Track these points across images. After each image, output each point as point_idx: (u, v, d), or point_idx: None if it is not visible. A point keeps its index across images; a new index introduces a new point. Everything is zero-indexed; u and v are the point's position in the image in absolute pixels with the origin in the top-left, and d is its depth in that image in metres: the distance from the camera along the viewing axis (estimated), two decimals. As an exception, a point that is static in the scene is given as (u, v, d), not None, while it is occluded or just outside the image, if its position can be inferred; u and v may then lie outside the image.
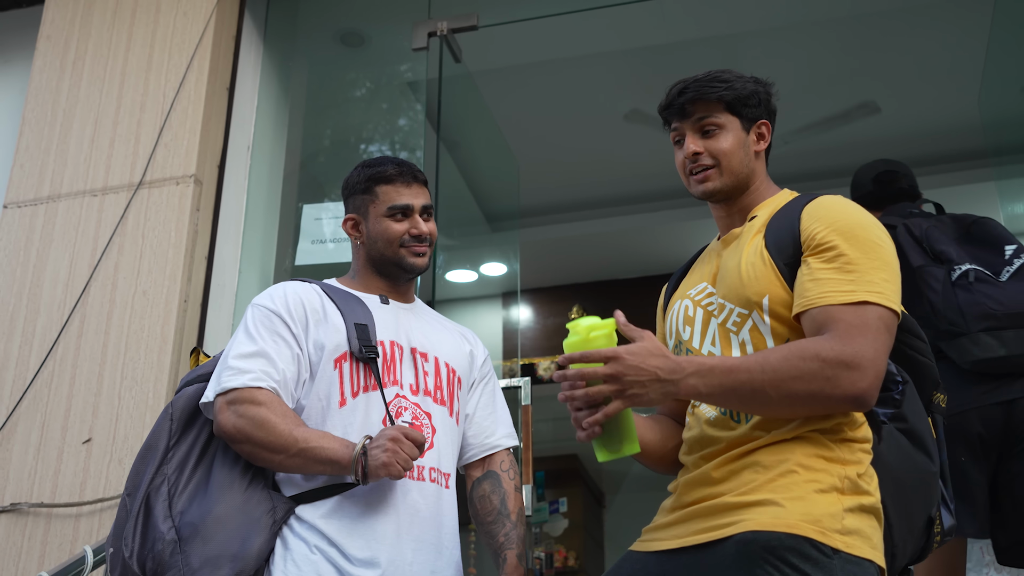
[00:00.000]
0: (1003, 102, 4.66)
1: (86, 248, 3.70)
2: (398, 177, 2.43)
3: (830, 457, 1.80)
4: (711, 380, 1.77)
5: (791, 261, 1.90)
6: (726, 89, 2.09)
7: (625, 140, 5.94)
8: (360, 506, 2.13)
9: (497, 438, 2.47)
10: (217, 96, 3.98)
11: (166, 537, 2.04)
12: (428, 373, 2.34)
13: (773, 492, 1.75)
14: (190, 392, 2.26)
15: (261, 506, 2.11)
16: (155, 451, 2.17)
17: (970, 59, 4.82)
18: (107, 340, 3.52)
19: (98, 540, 2.99)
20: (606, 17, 4.65)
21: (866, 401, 1.76)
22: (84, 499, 3.29)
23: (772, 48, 5.14)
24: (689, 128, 2.10)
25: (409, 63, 4.73)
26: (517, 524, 2.37)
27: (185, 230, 3.64)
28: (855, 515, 1.75)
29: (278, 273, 4.17)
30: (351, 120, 4.90)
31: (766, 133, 2.14)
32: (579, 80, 5.37)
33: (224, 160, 3.95)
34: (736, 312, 1.95)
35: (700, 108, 2.09)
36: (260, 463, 2.14)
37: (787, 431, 1.82)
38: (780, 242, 1.93)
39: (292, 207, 4.35)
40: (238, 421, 2.11)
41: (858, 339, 1.76)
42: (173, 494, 2.11)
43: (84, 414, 3.43)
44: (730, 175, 2.07)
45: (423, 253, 2.42)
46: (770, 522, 1.71)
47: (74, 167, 3.87)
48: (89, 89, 4.01)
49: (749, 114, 2.11)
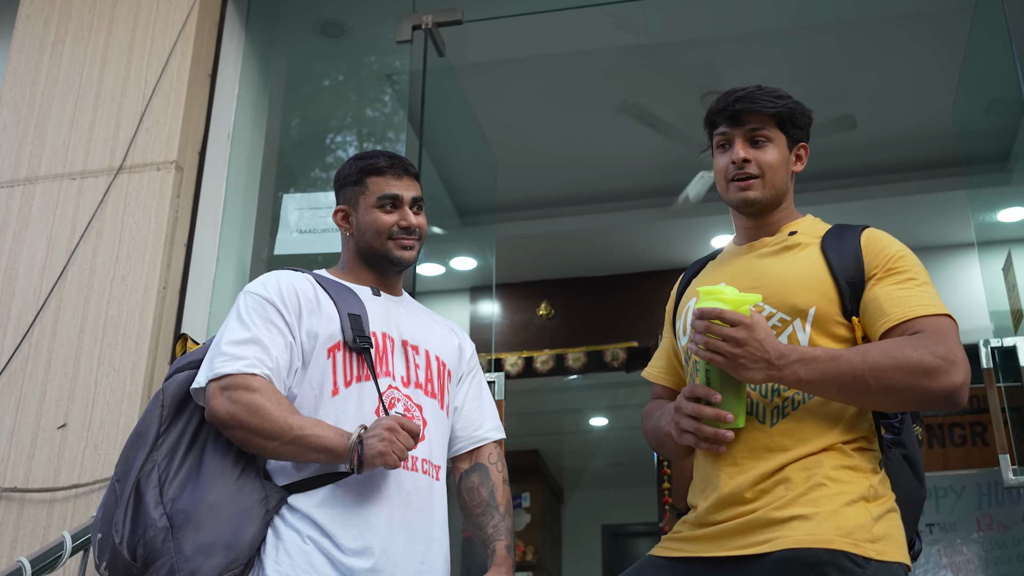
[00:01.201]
0: (976, 113, 4.74)
1: (64, 232, 3.66)
2: (389, 169, 2.45)
3: (855, 467, 1.90)
4: (814, 367, 1.86)
5: (853, 281, 2.00)
6: (781, 106, 2.17)
7: (601, 139, 5.98)
8: (353, 496, 2.14)
9: (485, 431, 2.49)
10: (199, 82, 3.95)
11: (158, 524, 2.03)
12: (419, 366, 2.36)
13: (805, 507, 1.84)
14: (181, 379, 2.25)
15: (254, 495, 2.10)
16: (145, 437, 2.16)
17: (946, 70, 4.89)
18: (84, 325, 3.49)
19: (75, 526, 2.96)
20: (589, 16, 4.68)
21: (960, 395, 1.86)
22: (58, 484, 3.26)
23: (752, 52, 5.19)
24: (740, 135, 2.16)
25: (388, 55, 4.72)
26: (505, 516, 2.40)
27: (165, 216, 3.62)
28: (882, 521, 1.85)
29: (255, 262, 4.15)
30: (329, 111, 4.88)
31: (803, 156, 2.23)
32: (560, 78, 5.39)
33: (205, 147, 3.92)
34: (778, 317, 2.01)
35: (754, 119, 2.16)
36: (253, 450, 2.14)
37: (812, 446, 1.91)
38: (844, 261, 2.03)
39: (270, 196, 4.33)
40: (232, 407, 2.10)
41: (951, 341, 1.88)
42: (164, 481, 2.10)
43: (60, 399, 3.39)
44: (771, 188, 2.15)
45: (411, 247, 2.43)
46: (806, 539, 1.79)
47: (52, 150, 3.82)
48: (69, 71, 3.96)
49: (795, 135, 2.20)
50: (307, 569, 2.06)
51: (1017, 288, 4.07)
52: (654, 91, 5.41)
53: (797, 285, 2.02)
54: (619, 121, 5.70)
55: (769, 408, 1.96)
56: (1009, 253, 4.19)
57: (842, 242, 2.07)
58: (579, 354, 7.41)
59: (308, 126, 4.77)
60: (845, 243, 2.06)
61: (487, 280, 6.92)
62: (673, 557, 2.00)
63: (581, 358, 7.40)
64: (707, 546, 1.93)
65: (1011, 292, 4.13)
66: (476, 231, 6.13)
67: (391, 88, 4.77)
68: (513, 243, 6.53)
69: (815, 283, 2.01)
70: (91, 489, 3.23)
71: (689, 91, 5.42)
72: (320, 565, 2.07)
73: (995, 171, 5.05)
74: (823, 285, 2.01)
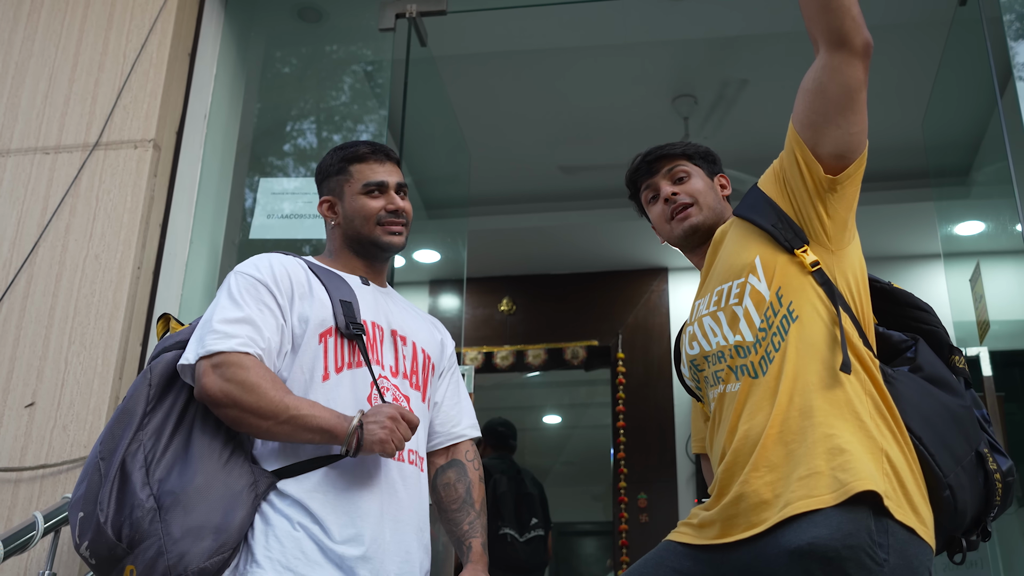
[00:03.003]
0: (946, 126, 4.82)
1: (36, 207, 3.58)
2: (372, 155, 2.44)
3: (868, 433, 1.87)
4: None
5: (774, 216, 2.06)
6: (684, 147, 2.35)
7: (572, 137, 5.98)
8: (344, 484, 2.12)
9: (462, 428, 2.50)
10: (179, 61, 3.88)
11: (145, 505, 1.98)
12: (406, 357, 2.35)
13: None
14: (169, 358, 2.21)
15: (243, 479, 2.07)
16: (132, 415, 2.11)
17: (918, 82, 4.96)
18: (55, 303, 3.41)
19: (43, 507, 2.90)
20: (568, 12, 4.68)
21: (859, 31, 1.93)
22: (25, 464, 3.18)
23: (726, 56, 5.22)
24: (661, 179, 2.33)
25: (365, 42, 4.69)
26: (481, 513, 2.41)
27: (142, 195, 3.55)
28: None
29: (227, 246, 4.10)
30: (304, 96, 4.83)
31: (727, 184, 2.37)
32: (538, 74, 5.39)
33: (183, 127, 3.86)
34: (735, 285, 2.07)
35: (667, 162, 2.33)
36: (244, 429, 2.11)
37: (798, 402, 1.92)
38: (756, 207, 2.10)
39: (243, 180, 4.27)
40: (225, 385, 2.06)
41: None
42: (151, 461, 2.05)
43: (28, 377, 3.32)
44: (708, 209, 2.27)
45: (399, 232, 2.42)
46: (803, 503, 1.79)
47: (26, 123, 3.74)
48: (44, 43, 3.88)
49: (709, 169, 2.34)
50: (297, 556, 2.03)
51: (984, 298, 4.14)
52: (629, 92, 5.43)
53: (733, 254, 2.11)
54: (591, 121, 5.72)
55: (757, 361, 2.00)
56: (978, 264, 4.27)
57: (745, 202, 2.15)
58: (539, 351, 7.42)
59: (283, 111, 4.71)
60: (746, 202, 2.15)
61: (449, 274, 6.89)
62: (689, 544, 2.03)
63: (541, 355, 7.41)
64: (717, 531, 1.96)
65: (978, 303, 4.20)
66: (444, 224, 6.10)
67: (367, 76, 4.73)
68: (476, 238, 6.53)
69: (745, 240, 2.09)
70: (59, 470, 3.16)
71: (662, 94, 5.46)
72: (310, 552, 2.04)
73: (959, 184, 5.14)
74: (752, 235, 2.08)
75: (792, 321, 1.97)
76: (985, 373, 3.79)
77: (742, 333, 2.04)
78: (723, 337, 2.08)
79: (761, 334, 2.00)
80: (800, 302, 1.98)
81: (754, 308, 2.02)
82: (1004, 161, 3.52)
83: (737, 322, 2.05)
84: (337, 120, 4.79)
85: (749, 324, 2.02)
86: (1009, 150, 3.50)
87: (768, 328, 1.99)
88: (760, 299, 2.01)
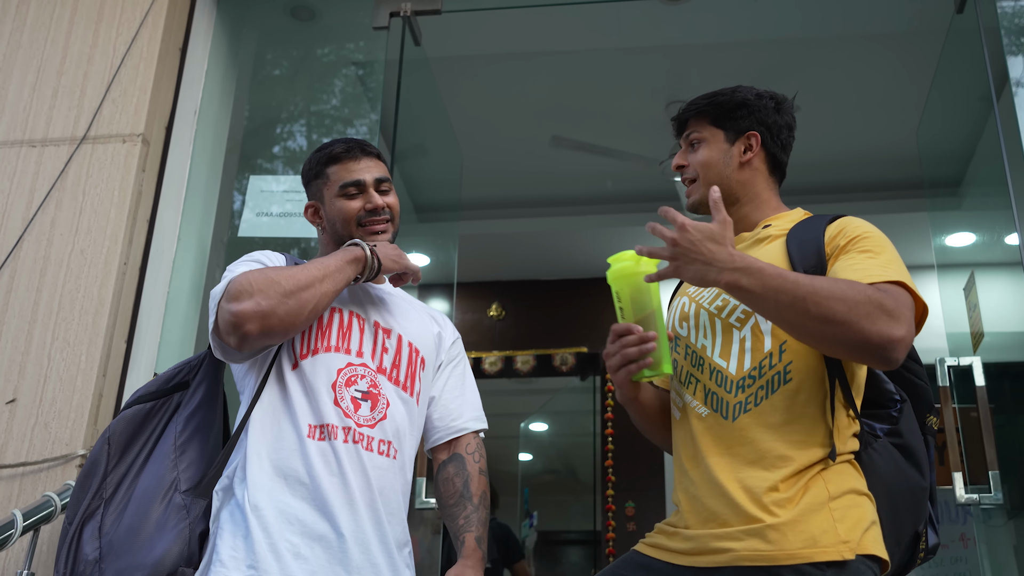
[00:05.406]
0: (941, 136, 4.80)
1: (21, 200, 3.52)
2: (346, 154, 2.41)
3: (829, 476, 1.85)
4: (758, 278, 1.79)
5: (812, 270, 1.93)
6: (707, 103, 2.18)
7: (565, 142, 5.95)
8: (311, 476, 2.09)
9: (464, 421, 2.45)
10: (170, 55, 3.83)
11: (88, 558, 2.11)
12: (388, 350, 2.31)
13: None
14: (128, 415, 2.29)
15: (174, 510, 2.13)
16: (93, 477, 2.24)
17: (913, 92, 4.95)
18: (39, 298, 3.35)
19: (26, 504, 2.84)
20: (562, 15, 4.65)
21: (896, 349, 1.74)
22: (4, 462, 3.12)
23: (723, 61, 5.20)
24: (683, 143, 2.21)
25: (357, 41, 4.65)
26: (479, 507, 2.35)
27: (130, 190, 3.50)
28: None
29: (215, 243, 4.05)
30: (295, 95, 4.79)
31: (755, 145, 2.16)
32: (532, 78, 5.36)
33: (172, 122, 3.81)
34: (740, 309, 1.97)
35: (691, 124, 2.20)
36: (288, 319, 2.07)
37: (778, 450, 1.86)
38: (804, 251, 1.97)
39: (232, 177, 4.22)
40: (254, 294, 2.04)
41: (902, 303, 1.78)
42: (104, 514, 2.17)
43: (9, 373, 3.25)
44: (708, 187, 2.09)
45: (382, 229, 2.38)
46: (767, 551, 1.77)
47: (12, 115, 3.68)
48: (33, 35, 3.82)
49: (734, 126, 2.16)
50: (262, 552, 2.03)
51: (979, 308, 4.12)
52: (623, 96, 5.40)
53: None
54: (585, 126, 5.69)
55: (732, 404, 1.93)
56: (972, 274, 4.25)
57: (806, 232, 2.02)
58: (528, 357, 7.38)
59: (273, 109, 4.67)
60: (809, 233, 2.02)
61: (439, 278, 6.84)
62: (653, 557, 1.99)
63: (530, 361, 7.38)
64: (679, 556, 1.93)
65: (972, 312, 4.18)
66: (434, 227, 6.06)
67: (359, 76, 4.69)
68: (466, 242, 6.49)
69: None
70: (39, 468, 3.10)
71: (655, 99, 5.43)
72: (282, 548, 2.03)
73: (951, 195, 5.12)
74: None
75: (784, 382, 1.90)
76: (978, 383, 3.77)
77: (728, 362, 1.97)
78: (711, 349, 2.00)
79: (749, 381, 1.93)
80: (799, 365, 1.90)
81: (751, 348, 1.94)
82: (999, 171, 3.49)
83: (729, 347, 1.97)
84: (328, 124, 4.76)
85: (739, 361, 1.95)
86: (1006, 160, 3.48)
87: (757, 378, 1.92)
88: (760, 344, 1.94)
